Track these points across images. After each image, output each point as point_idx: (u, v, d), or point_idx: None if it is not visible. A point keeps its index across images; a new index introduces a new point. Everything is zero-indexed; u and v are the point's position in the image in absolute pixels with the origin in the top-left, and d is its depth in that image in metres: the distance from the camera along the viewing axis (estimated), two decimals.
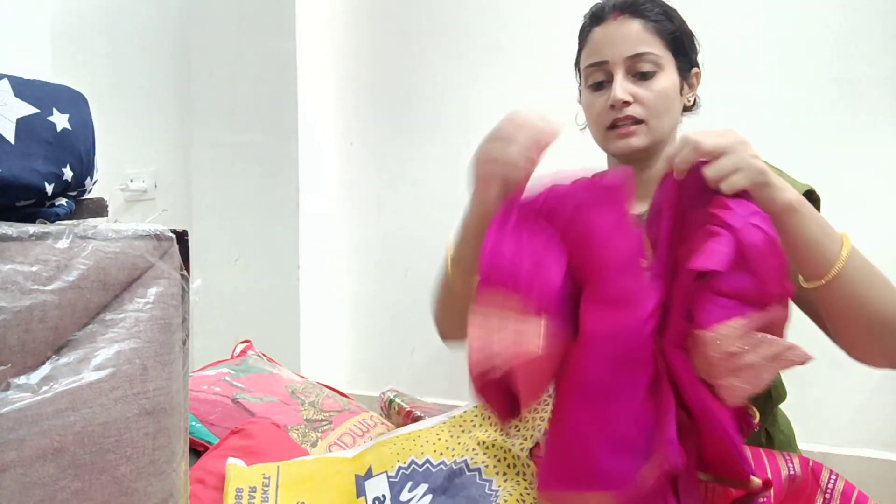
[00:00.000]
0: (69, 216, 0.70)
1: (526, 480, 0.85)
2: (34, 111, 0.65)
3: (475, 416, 0.96)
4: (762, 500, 0.70)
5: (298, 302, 1.81)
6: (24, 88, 0.65)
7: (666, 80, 0.98)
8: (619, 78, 0.97)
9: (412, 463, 0.89)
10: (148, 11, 2.25)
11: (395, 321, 1.83)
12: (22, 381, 0.57)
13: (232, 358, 1.44)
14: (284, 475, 0.89)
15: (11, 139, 0.63)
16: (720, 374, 0.63)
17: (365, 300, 1.88)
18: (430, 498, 0.84)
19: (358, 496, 0.87)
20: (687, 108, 1.05)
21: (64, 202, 0.69)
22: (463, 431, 0.93)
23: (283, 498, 0.86)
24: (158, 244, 0.68)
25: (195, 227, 1.98)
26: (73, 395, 0.59)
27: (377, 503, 0.85)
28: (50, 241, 0.60)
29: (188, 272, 0.70)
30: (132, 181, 2.25)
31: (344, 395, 1.37)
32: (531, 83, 1.62)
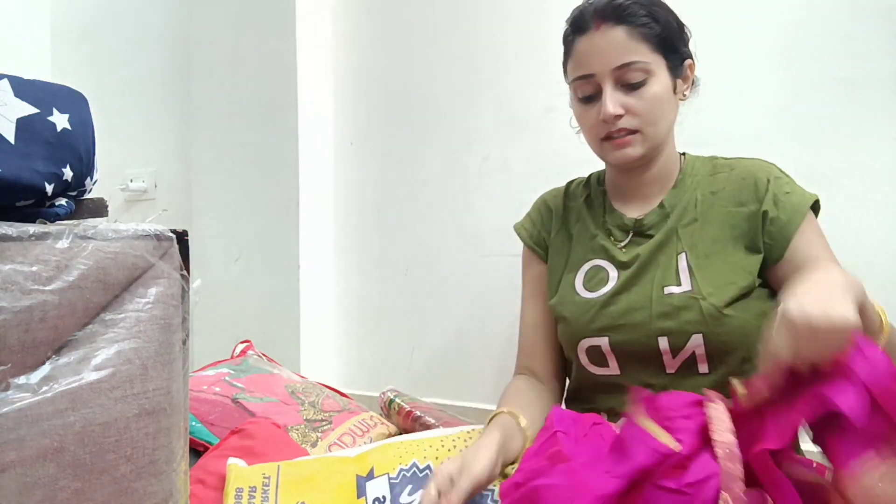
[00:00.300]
0: (69, 216, 0.70)
1: None
2: (34, 111, 0.65)
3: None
4: None
5: (298, 302, 1.81)
6: (24, 88, 0.65)
7: (657, 85, 0.95)
8: (608, 91, 0.94)
9: (413, 466, 0.89)
10: (148, 12, 2.25)
11: (395, 321, 1.83)
12: (22, 381, 0.57)
13: (232, 358, 1.44)
14: (285, 475, 0.89)
15: (11, 139, 0.63)
16: None
17: (365, 300, 1.88)
18: None
19: (358, 496, 0.86)
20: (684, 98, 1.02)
21: (64, 202, 0.69)
22: (468, 446, 0.91)
23: (283, 497, 0.86)
24: (158, 244, 0.68)
25: (195, 227, 1.98)
26: (73, 395, 0.59)
27: None
28: (50, 241, 0.60)
29: (188, 272, 0.70)
30: (132, 181, 2.25)
31: (344, 395, 1.37)
32: (531, 83, 1.62)
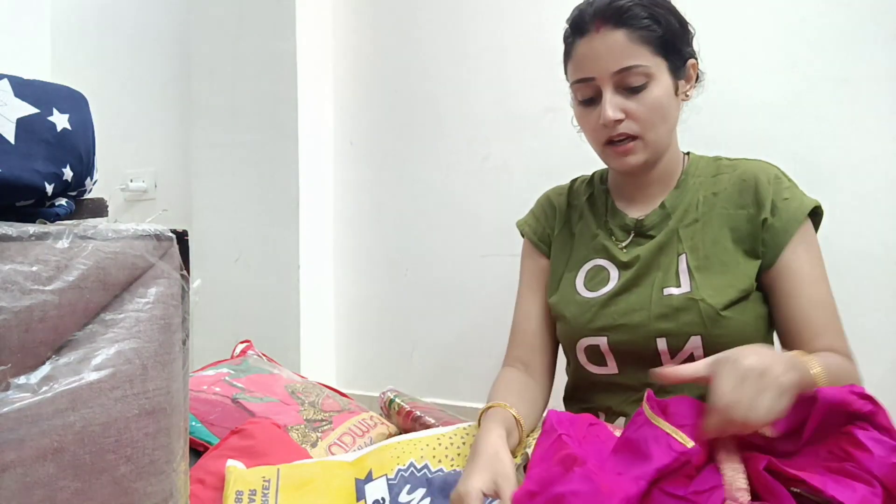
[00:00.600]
0: (69, 216, 0.70)
1: None
2: (34, 111, 0.65)
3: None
4: None
5: (298, 302, 1.81)
6: (24, 88, 0.65)
7: (658, 88, 0.93)
8: (608, 96, 0.93)
9: (411, 465, 0.89)
10: (148, 12, 2.25)
11: (395, 321, 1.83)
12: (22, 381, 0.57)
13: (232, 358, 1.44)
14: (284, 478, 0.89)
15: (11, 139, 0.62)
16: None
17: (365, 300, 1.88)
18: (428, 501, 0.84)
19: (358, 499, 0.86)
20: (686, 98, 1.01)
21: (64, 202, 0.69)
22: (464, 443, 0.92)
23: (282, 501, 0.86)
24: (158, 244, 0.68)
25: (195, 227, 1.98)
26: (73, 395, 0.59)
27: None
28: (50, 241, 0.60)
29: (188, 272, 0.70)
30: (132, 181, 2.25)
31: (344, 395, 1.37)
32: (531, 83, 1.62)
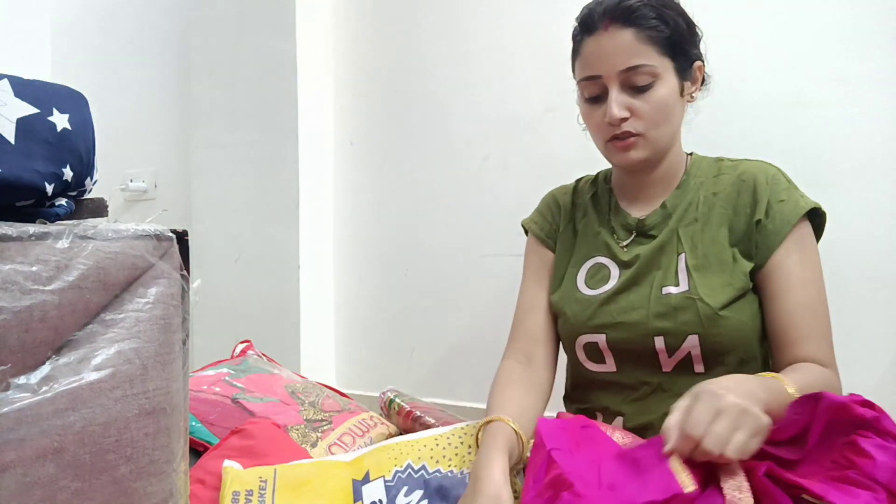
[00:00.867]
0: (69, 216, 0.70)
1: (519, 498, 0.85)
2: (34, 111, 0.65)
3: (477, 430, 0.95)
4: None
5: (298, 302, 1.81)
6: (24, 88, 0.65)
7: (664, 88, 0.95)
8: (613, 94, 0.95)
9: (408, 467, 0.89)
10: (148, 11, 2.25)
11: (395, 321, 1.83)
12: (22, 381, 0.57)
13: (232, 358, 1.44)
14: (281, 479, 0.89)
15: (12, 139, 0.63)
16: None
17: (365, 300, 1.88)
18: (426, 503, 0.84)
19: (355, 501, 0.86)
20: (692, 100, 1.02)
21: (64, 202, 0.69)
22: (462, 443, 0.92)
23: (279, 501, 0.85)
24: (158, 244, 0.68)
25: (195, 227, 1.98)
26: (73, 395, 0.59)
27: None
28: (50, 241, 0.60)
29: (188, 272, 0.70)
30: (132, 181, 2.25)
31: (344, 395, 1.37)
32: (531, 83, 1.62)
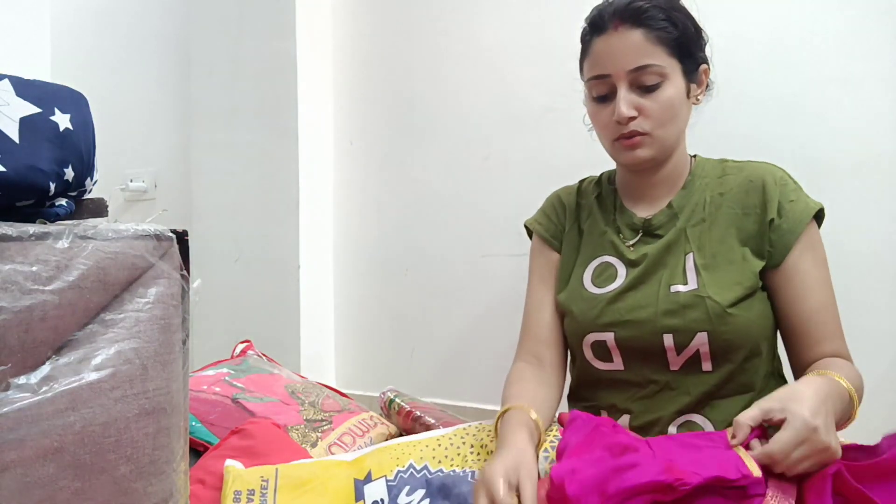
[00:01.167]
0: (69, 216, 0.70)
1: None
2: (36, 111, 0.65)
3: (479, 431, 0.95)
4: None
5: (298, 302, 1.81)
6: (25, 88, 0.65)
7: (671, 88, 0.96)
8: (622, 93, 0.96)
9: (410, 467, 0.89)
10: (148, 11, 2.25)
11: (395, 321, 1.83)
12: (22, 381, 0.57)
13: (232, 358, 1.44)
14: (283, 478, 0.89)
15: (16, 138, 0.63)
16: None
17: (365, 300, 1.88)
18: (427, 502, 0.84)
19: (357, 500, 0.86)
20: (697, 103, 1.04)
21: (64, 202, 0.69)
22: (464, 443, 0.92)
23: (281, 501, 0.85)
24: (158, 244, 0.68)
25: (195, 227, 1.98)
26: (73, 395, 0.59)
27: None
28: (50, 241, 0.60)
29: (188, 272, 0.70)
30: (132, 181, 2.25)
31: (344, 395, 1.37)
32: (531, 83, 1.62)
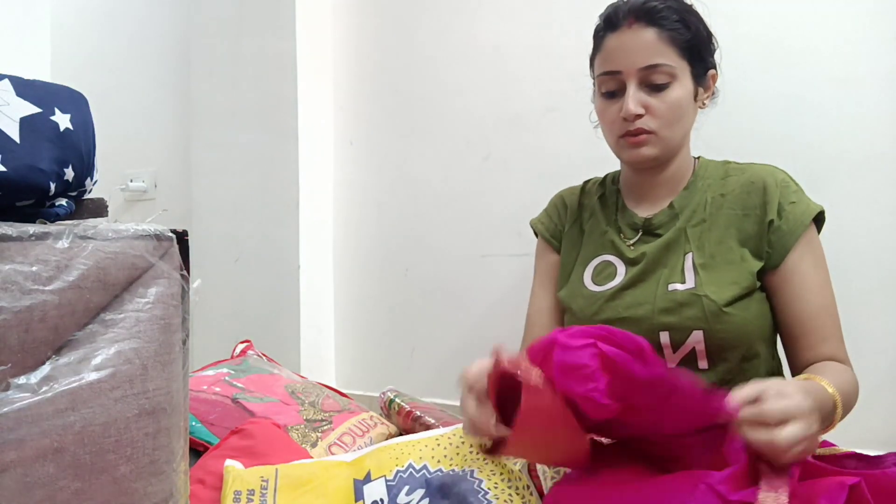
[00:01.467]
0: (69, 216, 0.70)
1: (518, 494, 0.85)
2: (37, 111, 0.65)
3: None
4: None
5: (298, 302, 1.81)
6: (25, 88, 0.65)
7: (680, 89, 0.97)
8: (631, 91, 0.97)
9: (409, 467, 0.89)
10: (148, 11, 2.25)
11: (395, 321, 1.83)
12: (22, 381, 0.57)
13: (232, 358, 1.45)
14: (283, 478, 0.89)
15: (17, 138, 0.63)
16: None
17: (365, 300, 1.88)
18: (427, 501, 0.84)
19: (356, 500, 0.86)
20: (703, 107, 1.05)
21: (64, 202, 0.69)
22: (463, 443, 0.93)
23: (281, 501, 0.86)
24: (158, 244, 0.68)
25: (195, 227, 1.98)
26: (73, 395, 0.59)
27: None
28: (50, 241, 0.60)
29: (188, 272, 0.70)
30: (132, 181, 2.25)
31: (344, 395, 1.37)
32: (531, 83, 1.62)
